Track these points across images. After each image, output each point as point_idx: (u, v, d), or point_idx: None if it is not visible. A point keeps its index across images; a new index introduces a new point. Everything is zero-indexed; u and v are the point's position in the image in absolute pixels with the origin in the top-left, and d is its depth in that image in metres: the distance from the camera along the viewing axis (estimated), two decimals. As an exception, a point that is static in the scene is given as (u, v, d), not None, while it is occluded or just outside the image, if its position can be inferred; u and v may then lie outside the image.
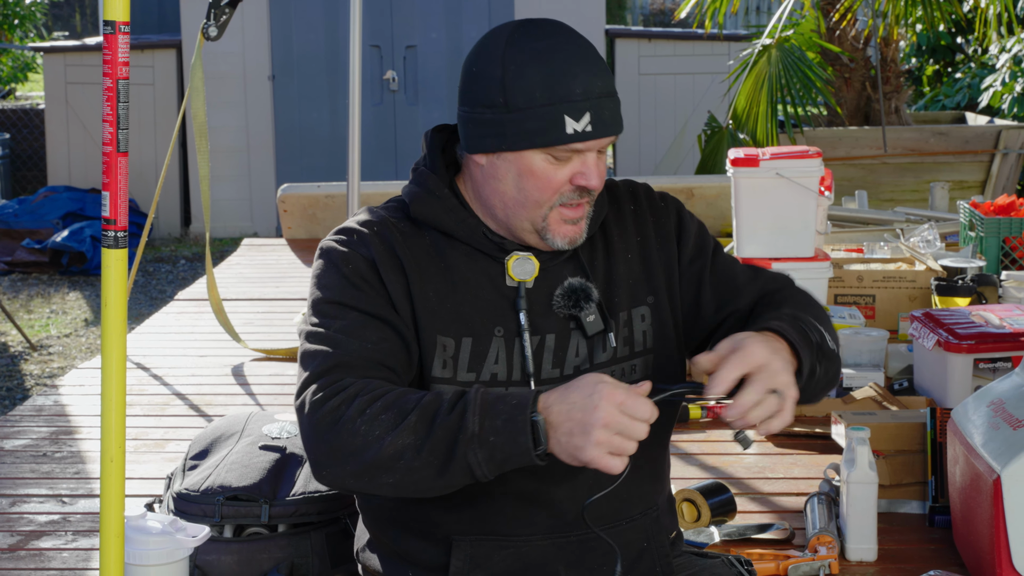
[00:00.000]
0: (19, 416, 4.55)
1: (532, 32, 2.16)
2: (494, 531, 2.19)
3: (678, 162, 11.24)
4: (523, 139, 2.12)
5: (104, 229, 2.04)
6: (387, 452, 1.97)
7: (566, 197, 2.15)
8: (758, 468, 3.78)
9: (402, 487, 2.01)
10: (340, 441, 2.00)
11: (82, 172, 11.49)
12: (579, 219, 2.18)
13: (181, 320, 6.08)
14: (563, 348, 2.20)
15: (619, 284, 2.26)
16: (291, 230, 8.01)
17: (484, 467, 1.96)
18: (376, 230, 2.21)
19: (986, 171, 8.93)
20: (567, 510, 2.19)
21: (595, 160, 2.15)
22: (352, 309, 2.14)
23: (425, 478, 1.99)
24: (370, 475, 2.00)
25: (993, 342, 3.86)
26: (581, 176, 2.14)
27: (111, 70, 2.00)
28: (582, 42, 2.17)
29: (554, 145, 2.11)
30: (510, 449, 1.94)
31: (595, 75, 2.13)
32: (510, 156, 2.15)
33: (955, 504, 3.05)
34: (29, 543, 3.39)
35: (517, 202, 2.17)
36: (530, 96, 2.11)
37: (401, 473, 1.98)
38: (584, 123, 2.11)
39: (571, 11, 10.91)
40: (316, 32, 11.16)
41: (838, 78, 9.52)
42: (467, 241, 2.21)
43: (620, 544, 2.21)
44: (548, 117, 2.11)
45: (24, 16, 16.47)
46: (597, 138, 2.12)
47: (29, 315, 8.72)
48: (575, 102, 2.11)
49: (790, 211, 4.77)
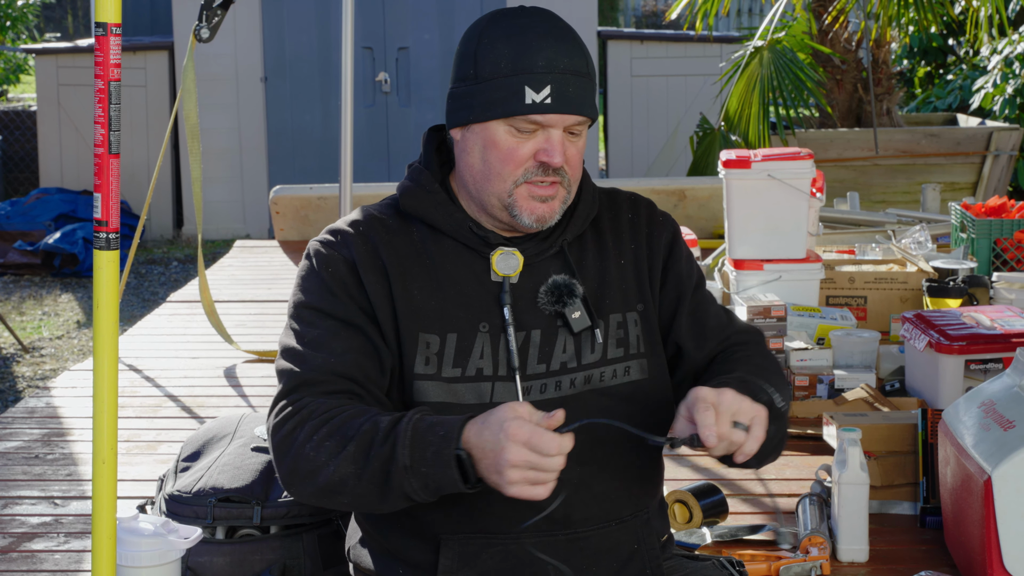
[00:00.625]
0: (11, 418, 4.54)
1: (515, 12, 2.21)
2: (482, 530, 2.19)
3: (670, 164, 11.25)
4: (487, 109, 2.16)
5: (96, 231, 2.04)
6: (334, 478, 2.06)
7: (531, 173, 2.17)
8: (750, 469, 3.77)
9: (358, 506, 2.12)
10: (296, 464, 2.09)
11: (74, 174, 11.48)
12: (549, 198, 2.19)
13: (173, 322, 6.08)
14: (549, 344, 2.21)
15: (612, 286, 2.27)
16: (283, 232, 8.01)
17: (421, 494, 2.03)
18: (361, 230, 2.24)
19: (977, 173, 8.94)
20: (555, 509, 2.19)
21: (560, 138, 2.16)
22: (327, 316, 2.19)
23: (372, 501, 2.07)
24: (327, 496, 2.09)
25: (984, 343, 3.87)
26: (544, 152, 2.16)
27: (103, 72, 2.00)
28: (561, 24, 2.20)
29: (513, 115, 2.14)
30: (441, 480, 2.00)
31: (563, 52, 2.16)
32: (477, 128, 2.18)
33: (946, 505, 3.05)
34: (21, 545, 3.39)
35: (484, 175, 2.19)
36: (496, 67, 2.16)
37: (350, 496, 2.07)
38: (544, 95, 2.13)
39: (563, 12, 10.85)
40: (308, 34, 11.15)
41: (830, 80, 9.53)
42: (453, 235, 2.23)
43: (610, 545, 2.22)
44: (510, 87, 2.14)
45: (16, 18, 16.44)
46: (557, 112, 2.14)
47: (21, 317, 8.71)
48: (536, 73, 2.14)
49: (782, 212, 4.78)
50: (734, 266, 4.83)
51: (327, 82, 11.16)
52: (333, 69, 10.99)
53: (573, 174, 2.20)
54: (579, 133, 2.19)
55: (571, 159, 2.19)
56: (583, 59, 2.18)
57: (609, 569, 2.23)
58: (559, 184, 2.19)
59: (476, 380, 2.18)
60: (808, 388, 4.21)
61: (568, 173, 2.19)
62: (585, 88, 2.17)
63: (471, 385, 2.18)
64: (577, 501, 2.20)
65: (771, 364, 2.30)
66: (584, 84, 2.17)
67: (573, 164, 2.20)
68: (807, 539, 3.06)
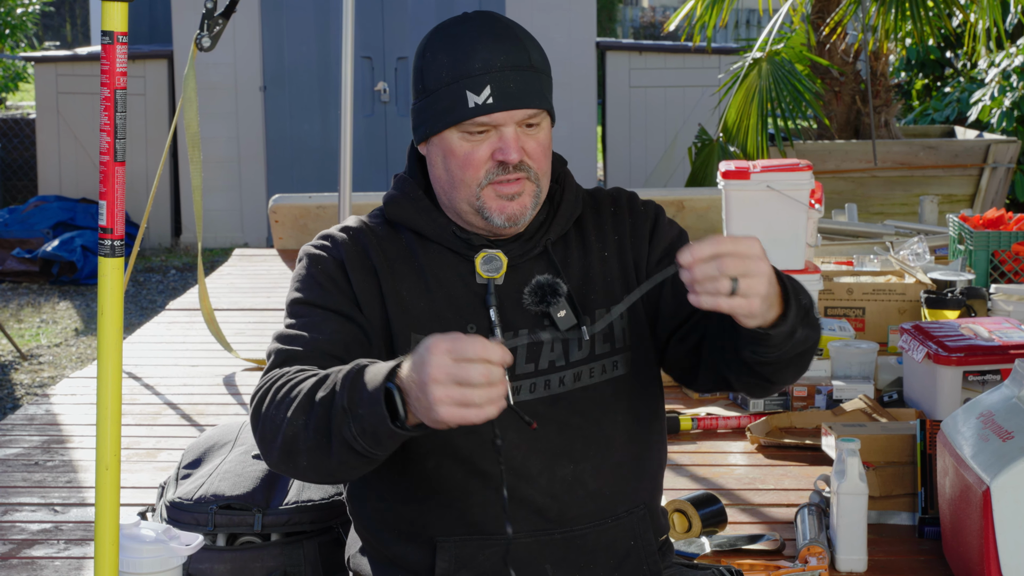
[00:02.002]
0: (10, 425, 4.55)
1: (455, 21, 2.23)
2: (477, 531, 2.20)
3: (668, 174, 11.26)
4: (438, 120, 2.19)
5: (100, 238, 2.05)
6: (288, 433, 2.00)
7: (493, 174, 2.18)
8: (749, 479, 3.79)
9: (316, 470, 2.02)
10: (263, 430, 2.06)
11: (73, 182, 11.48)
12: (516, 195, 2.19)
13: (172, 330, 6.08)
14: (537, 344, 2.23)
15: (595, 281, 2.28)
16: (282, 240, 8.01)
17: (360, 441, 1.92)
18: (352, 234, 2.28)
19: (975, 185, 8.96)
20: (548, 507, 2.20)
21: (513, 134, 2.17)
22: (316, 307, 2.21)
23: (322, 458, 1.98)
24: (288, 458, 2.03)
25: (982, 355, 3.88)
26: (499, 151, 2.17)
27: (109, 80, 2.01)
28: (500, 24, 2.21)
29: (460, 121, 2.16)
30: (375, 421, 1.89)
31: (499, 50, 2.17)
32: (435, 140, 2.21)
33: (945, 515, 3.06)
34: (21, 551, 3.39)
35: (450, 184, 2.22)
36: (439, 78, 2.18)
37: (306, 455, 2.00)
38: (485, 96, 2.15)
39: (561, 25, 10.95)
40: (308, 43, 11.17)
41: (828, 92, 9.55)
42: (438, 240, 2.26)
43: (606, 543, 2.23)
44: (453, 95, 2.16)
45: (15, 26, 16.45)
46: (501, 110, 2.15)
47: (19, 324, 8.71)
48: (474, 76, 2.15)
49: (780, 224, 4.79)
50: (733, 277, 4.83)
51: (326, 91, 11.17)
52: (332, 78, 11.00)
53: (539, 167, 2.21)
54: (536, 125, 2.20)
55: (532, 152, 2.19)
56: (524, 53, 2.19)
57: (606, 566, 2.24)
58: (525, 179, 2.20)
59: None
60: (807, 398, 4.22)
61: (532, 167, 2.20)
62: (528, 81, 2.18)
63: None
64: (571, 499, 2.21)
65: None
66: (527, 77, 2.18)
67: (535, 157, 2.20)
68: (806, 549, 3.07)
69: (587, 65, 11.11)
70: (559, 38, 10.91)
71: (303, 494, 2.77)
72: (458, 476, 2.19)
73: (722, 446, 4.08)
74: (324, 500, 2.77)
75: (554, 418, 2.22)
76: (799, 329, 2.05)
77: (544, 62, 2.24)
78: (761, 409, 4.24)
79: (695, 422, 4.19)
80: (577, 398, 2.23)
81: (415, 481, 2.22)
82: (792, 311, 2.02)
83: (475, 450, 2.19)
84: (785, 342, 2.05)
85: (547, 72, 2.23)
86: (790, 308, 2.02)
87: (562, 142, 10.41)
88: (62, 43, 23.74)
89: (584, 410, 2.23)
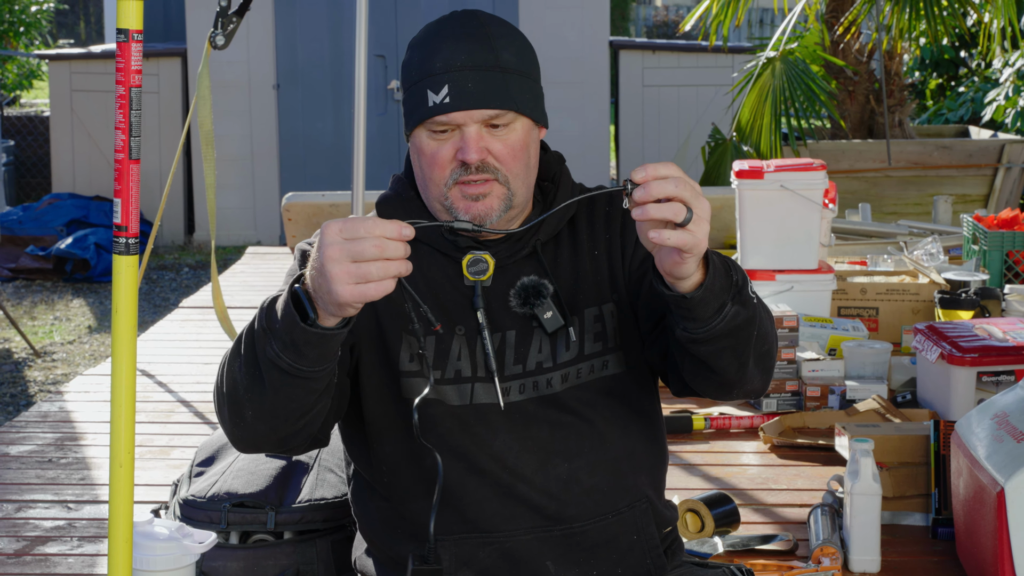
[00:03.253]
0: (24, 422, 4.56)
1: (437, 20, 2.25)
2: (476, 528, 2.21)
3: (681, 174, 11.23)
4: (408, 119, 2.22)
5: (115, 236, 2.05)
6: (229, 388, 2.05)
7: (457, 173, 2.18)
8: (762, 479, 3.78)
9: (262, 417, 2.04)
10: (217, 402, 2.11)
11: (86, 179, 11.51)
12: (482, 196, 2.18)
13: (186, 327, 6.09)
14: (525, 344, 2.23)
15: (585, 280, 2.28)
16: (295, 238, 8.01)
17: (284, 358, 1.96)
18: None
19: (989, 185, 8.94)
20: (545, 504, 2.20)
21: (474, 134, 2.16)
22: None
23: (261, 395, 2.01)
24: (238, 417, 2.06)
25: (996, 355, 3.87)
26: (460, 151, 2.17)
27: (124, 78, 2.01)
28: (474, 22, 2.20)
29: (422, 120, 2.18)
30: (289, 327, 1.93)
31: (462, 50, 2.17)
32: (412, 138, 2.23)
33: (958, 516, 3.05)
34: (35, 548, 3.40)
35: (423, 183, 2.24)
36: (409, 76, 2.21)
37: (247, 401, 2.03)
38: (443, 95, 2.15)
39: (575, 24, 10.94)
40: (321, 41, 11.18)
41: (842, 91, 9.53)
42: (427, 241, 2.26)
43: (607, 538, 2.23)
44: (418, 94, 2.18)
45: (29, 24, 16.51)
46: (456, 109, 2.15)
47: (33, 322, 8.73)
48: (435, 75, 2.16)
49: (794, 223, 4.79)
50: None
51: (339, 90, 11.18)
52: (345, 77, 11.02)
53: (508, 169, 2.19)
54: (504, 125, 2.18)
55: (499, 154, 2.18)
56: (491, 53, 2.17)
57: (608, 561, 2.24)
58: (494, 181, 2.18)
59: (456, 382, 2.21)
60: (820, 399, 4.21)
61: (501, 168, 2.18)
62: (489, 81, 2.16)
63: (452, 386, 2.21)
64: (568, 497, 2.21)
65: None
66: (489, 77, 2.16)
67: (503, 158, 2.18)
68: (819, 549, 3.06)
69: (600, 64, 11.11)
70: (572, 37, 10.91)
71: (316, 492, 2.77)
72: (455, 474, 2.20)
73: (735, 446, 4.07)
74: (337, 498, 2.77)
75: (545, 418, 2.22)
76: (728, 304, 2.01)
77: (521, 63, 2.21)
78: (774, 409, 4.24)
79: (708, 422, 4.18)
80: (568, 397, 2.23)
81: (415, 480, 2.23)
82: (712, 276, 1.97)
83: (471, 448, 2.20)
84: (714, 316, 2.00)
85: (522, 72, 2.20)
86: (710, 272, 1.97)
87: (575, 141, 10.46)
88: (76, 41, 23.80)
89: (575, 409, 2.23)
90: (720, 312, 2.00)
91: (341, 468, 2.84)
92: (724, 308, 2.01)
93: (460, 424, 2.21)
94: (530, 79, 2.22)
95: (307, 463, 2.84)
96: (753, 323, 2.07)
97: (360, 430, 2.28)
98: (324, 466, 2.84)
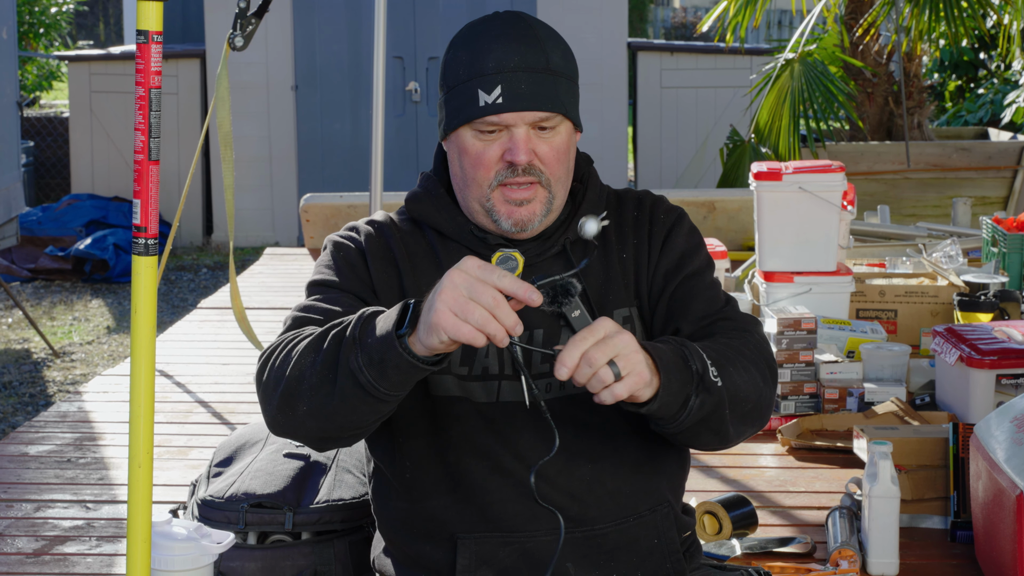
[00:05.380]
0: (43, 422, 4.57)
1: (482, 20, 2.24)
2: (498, 528, 2.21)
3: (699, 175, 11.24)
4: (454, 117, 2.20)
5: (134, 236, 2.06)
6: (292, 376, 2.03)
7: (503, 175, 2.18)
8: (780, 481, 3.78)
9: (315, 415, 2.03)
10: (267, 379, 2.08)
11: (105, 180, 11.55)
12: (525, 201, 2.19)
13: (204, 328, 6.11)
14: (552, 343, 2.23)
15: (615, 282, 2.28)
16: (313, 240, 8.02)
17: (366, 372, 1.95)
18: (377, 227, 2.31)
19: (1009, 187, 8.91)
20: (568, 506, 2.20)
21: (524, 135, 2.17)
22: (335, 288, 2.24)
23: (326, 398, 2.00)
24: (289, 405, 2.04)
25: (1016, 358, 3.86)
26: (508, 152, 2.17)
27: (143, 79, 2.01)
28: (524, 24, 2.21)
29: (472, 119, 2.17)
30: (383, 344, 1.92)
31: (514, 51, 2.17)
32: (452, 137, 2.23)
33: (977, 519, 3.04)
34: (54, 548, 3.41)
35: (464, 182, 2.23)
36: (456, 75, 2.20)
37: (308, 397, 2.02)
38: (495, 95, 2.15)
39: (593, 25, 10.94)
40: (339, 43, 11.20)
41: (861, 93, 9.51)
42: (456, 238, 2.27)
43: (628, 541, 2.23)
44: (466, 92, 2.17)
45: (49, 25, 16.57)
46: (509, 110, 2.15)
47: (52, 322, 8.76)
48: (487, 75, 2.16)
49: (813, 225, 4.78)
50: (764, 278, 4.83)
51: (357, 91, 11.20)
52: (363, 78, 11.03)
53: (551, 172, 2.20)
54: (551, 128, 2.19)
55: (544, 157, 2.19)
56: (542, 55, 2.18)
57: (628, 564, 2.24)
58: (537, 184, 2.19)
59: (483, 379, 2.22)
60: (838, 401, 4.20)
61: (545, 172, 2.19)
62: (541, 83, 2.17)
63: (480, 383, 2.22)
64: (591, 498, 2.21)
65: (742, 347, 2.19)
66: (541, 80, 2.17)
67: (548, 161, 2.19)
68: (837, 552, 3.05)
69: (618, 65, 11.11)
70: (590, 39, 10.90)
71: (334, 493, 2.77)
72: (480, 473, 2.20)
73: (753, 448, 4.07)
74: (355, 499, 2.77)
75: (571, 418, 2.22)
76: (692, 396, 2.03)
77: (567, 66, 2.22)
78: (792, 411, 4.23)
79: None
80: (591, 398, 2.23)
81: (437, 478, 2.23)
82: (668, 381, 2.00)
83: (495, 446, 2.20)
84: (680, 411, 2.04)
85: (569, 76, 2.22)
86: (663, 378, 2.00)
87: (593, 142, 10.45)
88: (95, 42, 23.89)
89: (600, 410, 2.23)
90: (685, 406, 2.04)
91: (359, 469, 2.84)
92: (688, 401, 2.04)
93: (486, 422, 2.21)
94: (574, 83, 2.25)
95: (325, 464, 2.84)
96: (723, 404, 2.09)
97: (384, 427, 2.28)
98: (342, 467, 2.84)
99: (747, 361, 2.16)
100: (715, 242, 5.24)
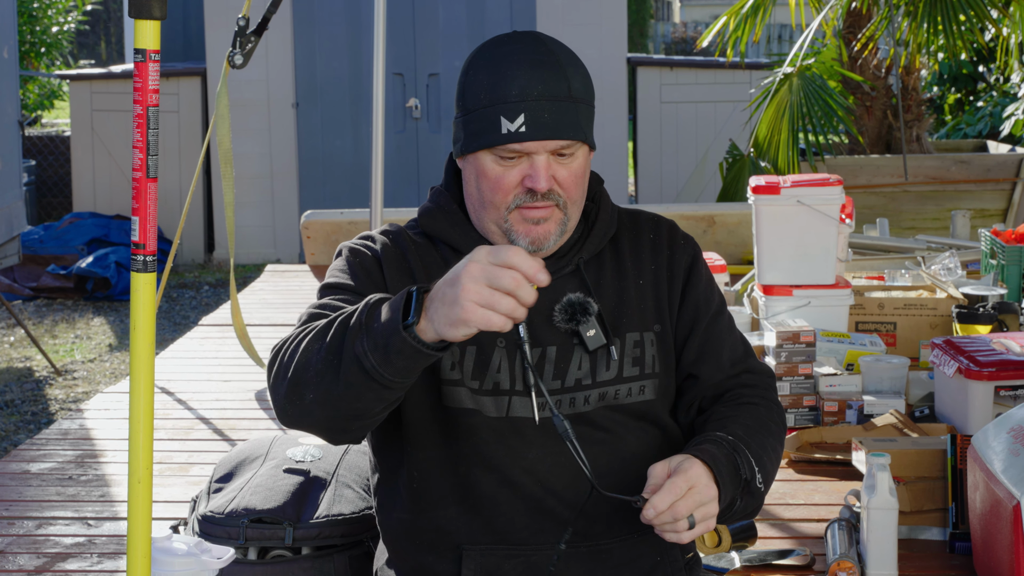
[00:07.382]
0: (45, 439, 4.59)
1: (499, 41, 2.24)
2: (504, 540, 2.22)
3: (699, 190, 11.26)
4: (473, 140, 2.21)
5: (133, 254, 2.07)
6: (300, 363, 2.03)
7: (521, 199, 2.20)
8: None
9: (322, 403, 2.02)
10: (277, 370, 2.08)
11: (107, 198, 11.57)
12: (542, 220, 2.21)
13: (205, 345, 6.12)
14: (565, 360, 2.24)
15: (630, 305, 2.30)
16: (314, 256, 8.04)
17: (370, 358, 1.94)
18: (392, 237, 2.33)
19: (1007, 199, 8.92)
20: (573, 520, 2.21)
21: (544, 162, 2.18)
22: (348, 290, 2.24)
23: (331, 384, 1.99)
24: (297, 395, 2.04)
25: (1014, 369, 3.86)
26: (529, 178, 2.18)
27: (141, 97, 2.03)
28: (544, 48, 2.21)
29: (493, 146, 2.18)
30: (388, 329, 1.91)
31: (537, 78, 2.17)
32: (470, 158, 2.23)
33: (975, 530, 3.05)
34: (55, 565, 3.42)
35: (480, 204, 2.24)
36: (477, 99, 2.20)
37: (314, 384, 2.01)
38: (518, 124, 2.16)
39: (593, 40, 10.97)
40: (339, 60, 11.23)
41: (859, 106, 9.53)
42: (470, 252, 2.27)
43: (632, 557, 2.25)
44: (488, 118, 2.18)
45: (51, 44, 16.61)
46: (532, 139, 2.16)
47: (54, 340, 8.77)
48: (510, 103, 2.16)
49: (811, 238, 4.79)
50: (763, 292, 4.84)
51: (358, 108, 11.23)
52: (364, 95, 11.06)
53: (569, 196, 2.22)
54: (570, 154, 2.20)
55: (563, 181, 2.20)
56: (564, 82, 2.19)
57: None
58: (555, 207, 2.21)
59: (494, 394, 2.22)
60: (837, 413, 4.21)
61: (563, 195, 2.21)
62: (564, 111, 2.18)
63: (491, 398, 2.22)
64: (596, 514, 2.22)
65: (773, 417, 2.31)
66: (563, 107, 2.18)
67: (566, 186, 2.21)
68: (836, 564, 3.06)
69: (618, 81, 11.13)
70: (590, 54, 10.92)
71: (334, 508, 2.78)
72: (489, 485, 2.21)
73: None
74: (355, 514, 2.78)
75: (579, 435, 2.23)
76: (738, 500, 2.16)
77: (586, 90, 2.23)
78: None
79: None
80: (601, 417, 2.25)
81: (445, 489, 2.24)
82: (721, 495, 2.10)
83: (505, 460, 2.21)
84: (725, 511, 2.14)
85: (587, 101, 2.23)
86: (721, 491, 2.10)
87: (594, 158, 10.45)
88: (97, 61, 23.94)
89: (609, 427, 2.25)
90: (730, 508, 2.15)
91: (359, 484, 2.85)
92: (734, 504, 2.16)
93: (496, 435, 2.22)
94: (591, 106, 2.26)
95: (325, 479, 2.85)
96: (761, 501, 2.23)
97: (394, 436, 2.29)
98: (342, 482, 2.85)
99: (775, 440, 2.28)
100: (715, 256, 5.26)
